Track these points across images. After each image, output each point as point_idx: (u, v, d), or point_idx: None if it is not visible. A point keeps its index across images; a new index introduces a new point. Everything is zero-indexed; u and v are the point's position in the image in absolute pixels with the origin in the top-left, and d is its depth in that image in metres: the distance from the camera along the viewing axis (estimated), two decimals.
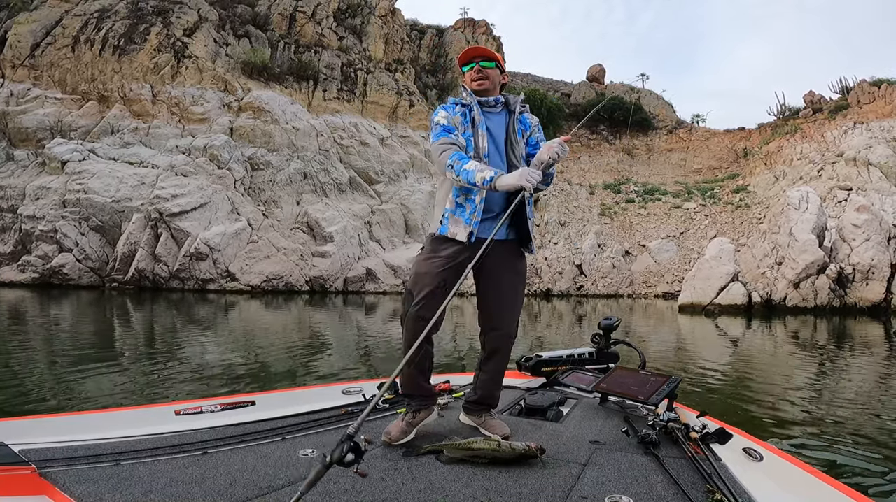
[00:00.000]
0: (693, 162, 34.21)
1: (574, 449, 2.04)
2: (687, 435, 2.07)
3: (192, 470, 1.70)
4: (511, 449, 1.88)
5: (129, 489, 1.54)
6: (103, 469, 1.66)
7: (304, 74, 26.97)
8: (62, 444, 1.82)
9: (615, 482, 1.73)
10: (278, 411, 2.36)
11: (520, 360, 3.12)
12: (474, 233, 2.18)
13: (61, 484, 1.53)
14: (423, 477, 1.74)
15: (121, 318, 11.38)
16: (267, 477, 1.68)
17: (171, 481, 1.61)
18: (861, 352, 8.51)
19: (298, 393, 2.73)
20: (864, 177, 24.55)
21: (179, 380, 5.31)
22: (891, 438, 3.79)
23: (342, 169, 24.66)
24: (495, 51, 28.71)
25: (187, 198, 19.68)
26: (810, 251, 15.75)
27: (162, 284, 18.90)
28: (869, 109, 29.03)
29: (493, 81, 2.34)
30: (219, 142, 22.10)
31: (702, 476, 1.76)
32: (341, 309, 15.34)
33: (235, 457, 1.84)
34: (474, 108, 2.29)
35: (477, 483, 1.70)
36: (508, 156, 2.28)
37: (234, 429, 2.12)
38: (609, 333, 3.16)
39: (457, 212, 2.23)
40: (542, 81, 40.60)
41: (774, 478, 1.81)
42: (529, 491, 1.65)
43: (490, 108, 2.33)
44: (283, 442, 2.02)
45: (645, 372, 2.71)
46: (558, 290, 22.63)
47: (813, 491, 1.67)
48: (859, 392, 5.52)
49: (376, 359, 7.18)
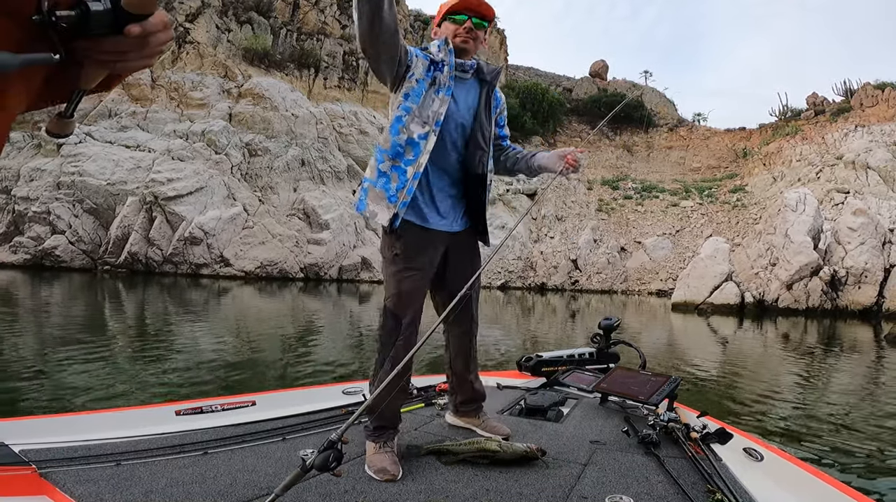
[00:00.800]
0: (692, 160, 34.19)
1: (574, 450, 2.03)
2: (687, 435, 2.07)
3: (193, 471, 1.70)
4: (512, 449, 1.87)
5: (129, 489, 1.54)
6: (104, 469, 1.66)
7: (306, 62, 26.77)
8: (62, 444, 1.82)
9: (615, 482, 1.73)
10: (279, 411, 2.36)
11: (520, 360, 3.13)
12: (399, 216, 1.84)
13: (62, 484, 1.53)
14: (423, 477, 1.74)
15: (112, 302, 11.33)
16: (267, 478, 1.68)
17: (172, 481, 1.62)
18: (852, 354, 8.56)
19: (299, 393, 2.74)
20: (861, 181, 24.59)
21: (170, 370, 5.29)
22: (887, 437, 3.81)
23: (340, 157, 24.56)
24: (503, 49, 28.05)
25: (183, 183, 19.55)
26: (805, 253, 15.79)
27: (155, 268, 18.82)
28: (871, 112, 29.02)
29: (478, 43, 1.97)
30: (217, 128, 21.95)
31: (702, 476, 1.76)
32: (335, 297, 15.32)
33: (236, 458, 1.84)
34: (445, 68, 1.90)
35: (477, 483, 1.70)
36: (474, 134, 1.95)
37: (234, 429, 2.12)
38: (609, 333, 3.16)
39: (378, 184, 1.86)
40: (543, 75, 40.37)
41: (775, 478, 1.80)
42: (529, 491, 1.65)
43: (461, 73, 1.95)
44: (284, 443, 2.02)
45: (645, 372, 2.72)
46: (553, 285, 22.66)
47: (813, 491, 1.67)
48: (850, 393, 5.54)
49: (370, 351, 7.17)
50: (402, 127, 1.87)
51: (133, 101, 22.43)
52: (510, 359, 6.02)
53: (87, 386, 4.35)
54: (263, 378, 5.18)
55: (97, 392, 4.22)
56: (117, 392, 4.25)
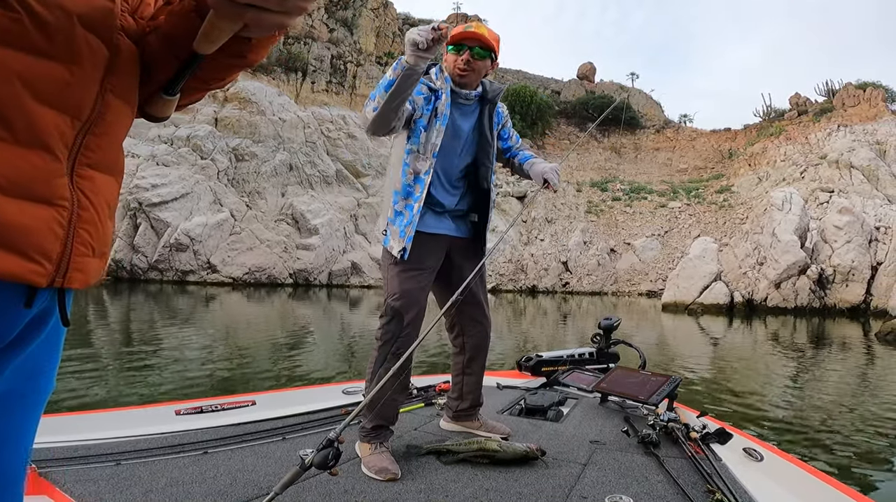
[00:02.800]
0: (679, 161, 34.48)
1: (574, 449, 2.04)
2: (687, 435, 2.08)
3: (193, 470, 1.70)
4: (512, 449, 1.86)
5: (129, 489, 1.54)
6: (104, 468, 1.66)
7: (293, 66, 26.65)
8: (62, 444, 1.82)
9: (615, 482, 1.73)
10: (278, 411, 2.37)
11: (520, 360, 3.14)
12: (406, 250, 1.93)
13: (62, 483, 1.52)
14: (423, 477, 1.74)
15: (97, 310, 11.10)
16: (267, 477, 1.67)
17: (172, 481, 1.61)
18: (844, 353, 8.60)
19: (298, 393, 2.75)
20: (846, 180, 24.92)
21: (155, 383, 5.15)
22: (886, 436, 3.80)
23: (329, 161, 24.41)
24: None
25: (168, 189, 19.30)
26: (792, 252, 15.92)
27: (140, 275, 18.54)
28: (853, 112, 29.47)
29: (478, 74, 2.04)
30: (202, 133, 21.72)
31: (702, 476, 1.76)
32: (325, 303, 15.17)
33: (236, 457, 1.84)
34: (443, 96, 2.00)
35: (477, 483, 1.70)
36: (477, 152, 2.07)
37: (234, 429, 2.13)
38: (609, 333, 3.17)
39: (395, 222, 1.99)
40: (532, 78, 40.54)
41: (775, 478, 1.81)
42: (529, 491, 1.65)
43: (463, 101, 2.06)
44: (284, 442, 2.03)
45: (645, 372, 2.72)
46: (543, 287, 22.67)
47: (813, 491, 1.67)
48: (846, 392, 5.54)
49: (363, 356, 7.06)
50: (408, 169, 2.00)
51: None
52: (504, 362, 5.95)
53: (73, 398, 4.20)
54: (259, 387, 5.05)
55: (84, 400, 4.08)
56: (99, 400, 4.11)
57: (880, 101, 29.00)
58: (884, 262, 15.99)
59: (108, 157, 0.65)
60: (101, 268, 0.67)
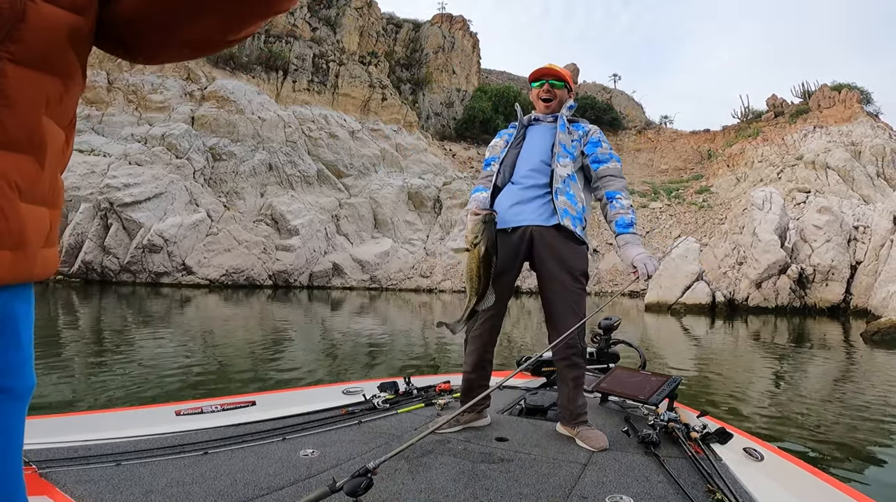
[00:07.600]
0: (660, 162, 34.82)
1: (574, 449, 2.04)
2: (687, 435, 2.08)
3: (193, 471, 1.70)
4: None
5: (129, 489, 1.54)
6: (104, 469, 1.66)
7: (274, 65, 26.24)
8: (62, 444, 1.82)
9: (615, 482, 1.72)
10: (279, 411, 2.38)
11: (520, 360, 3.14)
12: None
13: (62, 484, 1.52)
14: (423, 477, 1.73)
15: (66, 315, 10.62)
16: (268, 478, 1.67)
17: (172, 481, 1.61)
18: (829, 352, 8.60)
19: (299, 393, 2.75)
20: (822, 181, 25.36)
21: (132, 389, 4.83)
22: (884, 435, 3.74)
23: (310, 161, 24.03)
24: (475, 52, 29.28)
25: (140, 188, 18.75)
26: (773, 251, 16.05)
27: (111, 277, 17.97)
28: (829, 114, 30.06)
29: (560, 102, 2.39)
30: (178, 131, 21.18)
31: (702, 476, 1.76)
32: (306, 304, 14.83)
33: (236, 458, 1.84)
34: (520, 127, 2.39)
35: (477, 483, 1.69)
36: (552, 164, 2.25)
37: (234, 430, 2.13)
38: (609, 333, 3.12)
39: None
40: (516, 79, 40.64)
41: (775, 478, 1.81)
42: (529, 491, 1.64)
43: (543, 122, 2.39)
44: (284, 443, 2.02)
45: (645, 372, 2.71)
46: (527, 288, 22.58)
47: (814, 491, 1.66)
48: (833, 392, 5.50)
49: (348, 358, 6.79)
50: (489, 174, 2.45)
51: (88, 103, 21.43)
52: (504, 362, 5.75)
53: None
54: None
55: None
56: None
57: (855, 103, 29.62)
58: (863, 262, 16.21)
59: (13, 133, 0.59)
60: (18, 262, 0.60)
